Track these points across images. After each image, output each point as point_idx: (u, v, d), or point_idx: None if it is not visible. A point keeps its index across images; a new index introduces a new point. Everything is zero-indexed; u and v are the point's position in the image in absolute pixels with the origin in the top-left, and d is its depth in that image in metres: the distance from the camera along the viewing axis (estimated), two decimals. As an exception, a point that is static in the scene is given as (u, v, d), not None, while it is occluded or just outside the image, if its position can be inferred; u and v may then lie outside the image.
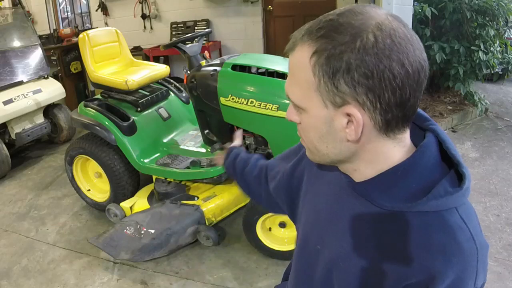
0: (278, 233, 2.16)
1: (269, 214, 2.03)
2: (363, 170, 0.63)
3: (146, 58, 4.54)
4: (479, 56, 3.68)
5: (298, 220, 0.83)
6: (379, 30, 0.52)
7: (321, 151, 0.62)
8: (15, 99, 3.36)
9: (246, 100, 1.94)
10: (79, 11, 5.48)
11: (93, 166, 2.63)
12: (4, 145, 3.31)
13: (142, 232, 2.16)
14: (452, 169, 0.61)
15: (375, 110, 0.54)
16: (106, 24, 5.14)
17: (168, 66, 2.81)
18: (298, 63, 0.57)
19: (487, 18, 3.80)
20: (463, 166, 0.60)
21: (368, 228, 0.63)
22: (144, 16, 4.94)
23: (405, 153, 0.61)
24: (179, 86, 2.93)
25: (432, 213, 0.58)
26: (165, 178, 2.41)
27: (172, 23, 4.81)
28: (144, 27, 5.02)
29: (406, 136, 0.61)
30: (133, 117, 2.47)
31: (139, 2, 4.91)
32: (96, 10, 5.11)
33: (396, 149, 0.60)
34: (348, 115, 0.55)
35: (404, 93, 0.54)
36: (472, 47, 3.70)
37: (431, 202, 0.57)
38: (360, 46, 0.51)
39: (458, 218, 0.59)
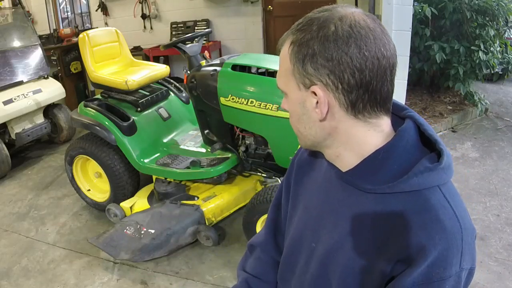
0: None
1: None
2: (345, 156, 0.67)
3: (146, 58, 4.54)
4: (479, 56, 3.68)
5: (289, 220, 0.84)
6: (339, 20, 0.59)
7: (302, 133, 0.69)
8: (15, 99, 3.36)
9: (246, 100, 1.94)
10: (79, 11, 5.48)
11: (93, 166, 2.63)
12: (4, 145, 3.30)
13: (142, 232, 2.16)
14: (433, 152, 0.64)
15: (337, 90, 0.61)
16: (106, 24, 5.14)
17: (168, 66, 2.81)
18: (282, 55, 0.66)
19: (487, 18, 3.79)
20: (441, 144, 0.63)
21: (357, 216, 0.65)
22: (144, 16, 4.94)
23: (384, 139, 0.64)
24: (179, 86, 2.93)
25: (413, 192, 0.60)
26: (165, 178, 2.41)
27: (172, 23, 4.81)
28: (144, 27, 5.02)
29: (382, 122, 0.64)
30: (133, 117, 2.47)
31: (139, 2, 4.91)
32: (96, 10, 5.11)
33: (371, 134, 0.64)
34: (315, 94, 0.62)
35: (364, 75, 0.59)
36: (472, 47, 3.70)
37: (412, 180, 0.60)
38: (322, 34, 0.59)
39: (441, 197, 0.60)
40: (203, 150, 2.42)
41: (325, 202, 0.73)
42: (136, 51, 4.71)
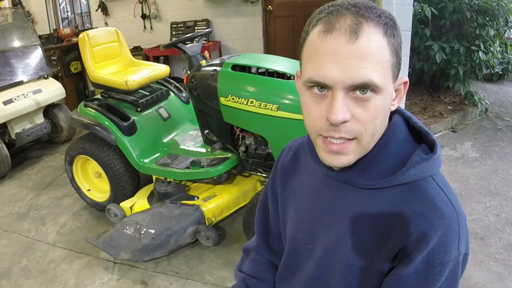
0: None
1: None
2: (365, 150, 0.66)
3: (146, 58, 4.54)
4: (479, 56, 3.68)
5: (283, 226, 0.84)
6: None
7: (376, 136, 0.62)
8: (15, 99, 3.36)
9: (246, 100, 1.94)
10: (79, 11, 5.48)
11: (93, 166, 2.63)
12: (4, 145, 3.30)
13: (142, 232, 2.16)
14: (422, 143, 0.66)
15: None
16: (106, 24, 5.14)
17: (168, 66, 2.81)
18: (376, 44, 0.57)
19: (487, 18, 3.79)
20: (432, 135, 0.65)
21: (354, 213, 0.66)
22: (144, 16, 4.94)
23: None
24: (179, 86, 2.93)
25: (409, 184, 0.62)
26: (165, 178, 2.41)
27: (172, 23, 4.81)
28: (144, 27, 5.02)
29: None
30: (133, 117, 2.47)
31: (139, 2, 4.90)
32: (96, 10, 5.11)
33: None
34: (401, 84, 0.64)
35: None
36: (472, 47, 3.70)
37: (410, 171, 0.61)
38: (394, 22, 0.60)
39: (435, 186, 0.62)
40: (203, 150, 2.42)
41: (316, 202, 0.72)
42: (136, 51, 4.71)
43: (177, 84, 2.95)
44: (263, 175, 2.31)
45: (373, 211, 0.63)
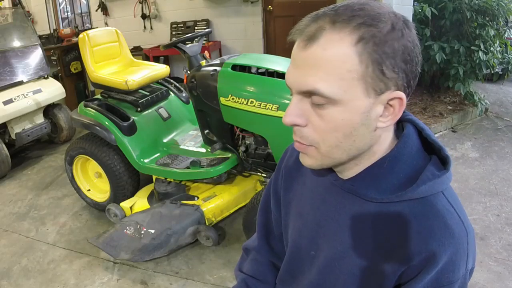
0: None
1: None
2: (363, 163, 0.63)
3: (146, 58, 4.54)
4: (479, 56, 3.68)
5: (285, 229, 0.83)
6: (405, 21, 0.56)
7: (342, 149, 0.59)
8: (15, 99, 3.36)
9: (246, 100, 1.94)
10: (79, 11, 5.49)
11: (93, 166, 2.63)
12: (4, 145, 3.30)
13: (142, 232, 2.16)
14: (433, 155, 0.63)
15: (404, 94, 0.57)
16: (106, 24, 5.14)
17: (168, 66, 2.81)
18: (334, 52, 0.53)
19: (487, 18, 3.80)
20: (445, 150, 0.62)
21: (360, 224, 0.64)
22: (144, 16, 4.94)
23: (389, 145, 0.63)
24: (179, 86, 2.93)
25: (419, 200, 0.60)
26: (165, 178, 2.41)
27: (172, 23, 4.81)
28: (144, 27, 5.02)
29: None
30: (133, 117, 2.47)
31: (139, 2, 4.91)
32: (96, 10, 5.11)
33: (389, 140, 0.63)
34: (392, 100, 0.56)
35: (416, 80, 0.58)
36: (472, 47, 3.70)
37: (421, 188, 0.59)
38: (401, 34, 0.54)
39: (446, 202, 0.60)
40: (203, 150, 2.42)
41: (321, 209, 0.70)
42: (136, 51, 4.71)
43: (177, 84, 2.94)
44: (263, 175, 2.31)
45: (379, 224, 0.62)
